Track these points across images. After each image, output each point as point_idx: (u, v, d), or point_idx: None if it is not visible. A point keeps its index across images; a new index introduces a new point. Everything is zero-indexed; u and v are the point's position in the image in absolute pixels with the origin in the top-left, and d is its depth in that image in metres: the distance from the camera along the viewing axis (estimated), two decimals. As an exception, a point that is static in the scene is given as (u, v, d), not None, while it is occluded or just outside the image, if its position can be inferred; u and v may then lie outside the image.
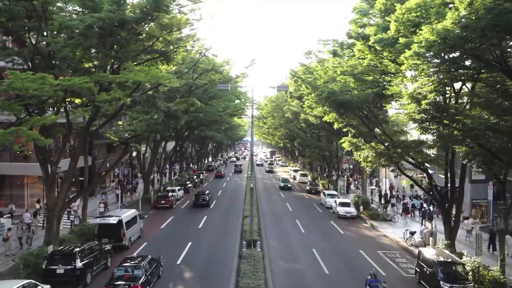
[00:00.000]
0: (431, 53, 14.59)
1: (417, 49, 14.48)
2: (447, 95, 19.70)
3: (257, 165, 70.62)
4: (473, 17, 12.56)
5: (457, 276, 16.33)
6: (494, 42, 13.53)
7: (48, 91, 16.06)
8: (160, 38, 21.23)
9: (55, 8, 19.29)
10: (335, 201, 35.00)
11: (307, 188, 48.89)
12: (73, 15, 20.49)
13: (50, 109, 22.25)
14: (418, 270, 18.30)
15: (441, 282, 15.96)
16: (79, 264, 16.63)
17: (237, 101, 53.57)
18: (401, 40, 16.80)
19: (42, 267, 16.62)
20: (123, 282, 15.22)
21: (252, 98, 28.77)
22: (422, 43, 14.00)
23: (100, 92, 18.45)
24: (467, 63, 16.22)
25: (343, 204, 33.75)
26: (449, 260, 16.97)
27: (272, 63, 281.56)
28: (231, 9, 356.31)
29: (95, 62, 21.27)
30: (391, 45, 18.12)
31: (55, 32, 19.45)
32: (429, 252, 17.96)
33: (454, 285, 15.79)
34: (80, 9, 20.18)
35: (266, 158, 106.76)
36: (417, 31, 14.99)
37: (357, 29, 23.56)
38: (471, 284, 16.29)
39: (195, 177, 53.28)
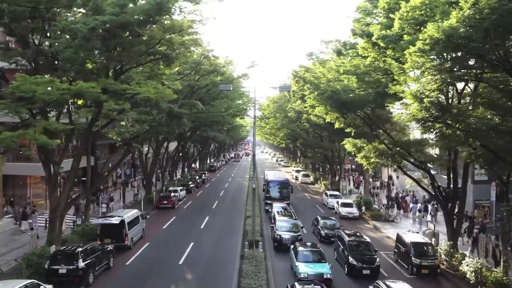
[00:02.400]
0: (435, 52, 14.54)
1: (422, 46, 14.43)
2: (449, 95, 19.65)
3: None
4: (477, 17, 12.54)
5: (426, 253, 19.37)
6: (497, 42, 13.50)
7: (56, 95, 16.15)
8: (163, 40, 21.29)
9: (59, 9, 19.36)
10: (337, 202, 34.97)
11: None
12: (76, 16, 20.58)
13: (53, 110, 22.30)
14: (396, 251, 21.48)
15: (413, 258, 19.18)
16: (81, 264, 16.65)
17: (239, 101, 53.67)
18: (405, 37, 16.77)
19: (45, 267, 16.65)
20: None
21: (254, 98, 28.70)
22: (427, 41, 13.95)
23: (106, 95, 18.59)
24: (470, 62, 16.19)
25: (345, 205, 33.71)
26: (420, 241, 20.15)
27: (275, 64, 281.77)
28: (233, 9, 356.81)
29: (98, 63, 21.33)
30: (394, 42, 18.07)
31: (58, 33, 19.51)
32: (405, 235, 21.00)
33: (423, 260, 18.96)
34: (84, 11, 20.25)
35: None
36: (421, 29, 14.95)
37: (361, 26, 23.54)
38: (437, 260, 19.42)
39: (197, 177, 53.32)
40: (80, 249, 17.25)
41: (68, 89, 16.45)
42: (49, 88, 15.77)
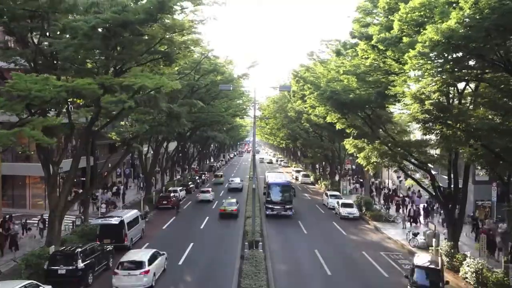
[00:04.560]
0: (435, 53, 14.49)
1: (422, 49, 14.38)
2: (450, 96, 19.59)
3: None
4: (478, 17, 12.47)
5: (430, 282, 15.51)
6: (498, 42, 13.44)
7: (51, 92, 16.07)
8: (163, 40, 21.22)
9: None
10: (338, 202, 34.91)
11: None
12: (77, 16, 20.50)
13: (52, 109, 22.25)
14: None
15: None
16: (80, 264, 16.59)
17: (239, 101, 53.67)
18: (405, 39, 16.71)
19: (44, 268, 16.59)
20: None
21: (254, 98, 28.69)
22: (427, 43, 13.90)
23: (104, 93, 18.47)
24: (471, 63, 16.13)
25: (346, 205, 33.64)
26: (425, 265, 16.09)
27: (275, 63, 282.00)
28: (233, 9, 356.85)
29: (98, 62, 21.27)
30: (394, 45, 18.02)
31: (58, 33, 19.44)
32: (417, 257, 17.38)
33: None
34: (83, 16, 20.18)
35: None
36: (421, 30, 14.89)
37: (360, 28, 23.47)
38: None
39: (197, 177, 53.26)
40: (79, 249, 17.19)
41: (64, 85, 16.34)
42: (46, 86, 15.66)
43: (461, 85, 19.18)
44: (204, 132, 54.00)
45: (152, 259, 17.23)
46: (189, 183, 47.58)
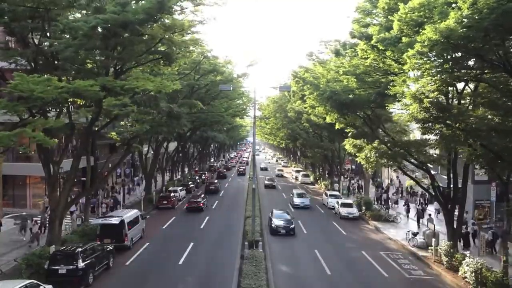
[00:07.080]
0: (434, 52, 14.54)
1: (421, 48, 14.44)
2: (449, 95, 19.65)
3: None
4: (476, 17, 12.52)
5: None
6: (497, 42, 13.48)
7: (53, 93, 16.13)
8: (163, 40, 21.27)
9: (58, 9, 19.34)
10: (337, 202, 34.96)
11: None
12: (77, 14, 20.58)
13: (53, 110, 22.29)
14: None
15: None
16: (81, 264, 16.62)
17: (239, 101, 53.75)
18: (404, 39, 16.77)
19: (44, 267, 16.64)
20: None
21: (254, 98, 28.70)
22: (425, 43, 13.95)
23: (106, 96, 18.54)
24: (470, 63, 16.18)
25: (345, 205, 33.70)
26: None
27: (274, 63, 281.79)
28: (233, 8, 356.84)
29: (98, 63, 21.32)
30: (393, 45, 18.08)
31: (58, 33, 19.49)
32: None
33: None
34: (85, 12, 20.24)
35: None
36: (420, 30, 14.96)
37: (360, 28, 23.51)
38: None
39: (197, 177, 53.28)
40: (79, 249, 17.22)
41: (66, 87, 16.40)
42: (48, 88, 15.74)
43: (460, 85, 19.23)
44: (204, 132, 54.05)
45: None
46: (189, 183, 47.65)
